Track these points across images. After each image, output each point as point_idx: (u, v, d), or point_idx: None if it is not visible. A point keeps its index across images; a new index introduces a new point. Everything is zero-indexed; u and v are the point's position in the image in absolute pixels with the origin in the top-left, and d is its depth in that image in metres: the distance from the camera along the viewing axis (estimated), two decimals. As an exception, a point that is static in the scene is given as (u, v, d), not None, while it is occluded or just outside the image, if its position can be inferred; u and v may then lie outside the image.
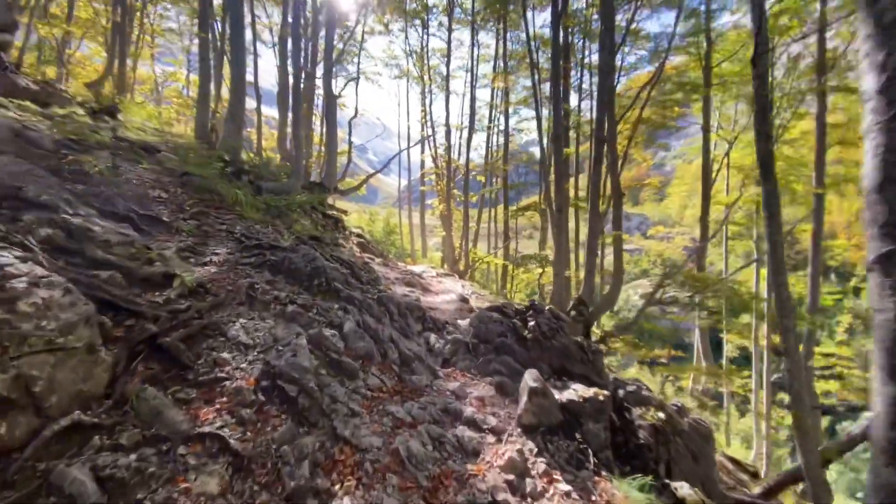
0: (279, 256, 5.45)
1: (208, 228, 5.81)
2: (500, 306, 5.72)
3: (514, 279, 16.79)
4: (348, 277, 6.34)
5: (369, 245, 13.47)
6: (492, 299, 11.40)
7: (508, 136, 18.19)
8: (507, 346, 4.81)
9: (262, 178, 10.30)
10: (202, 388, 3.24)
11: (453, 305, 9.26)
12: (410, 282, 11.27)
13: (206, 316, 3.86)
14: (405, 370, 4.31)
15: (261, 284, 4.79)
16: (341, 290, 5.33)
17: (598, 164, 10.48)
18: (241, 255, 5.35)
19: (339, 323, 4.71)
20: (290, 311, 4.57)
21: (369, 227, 27.24)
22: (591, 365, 4.98)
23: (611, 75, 10.91)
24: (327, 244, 8.46)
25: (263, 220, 6.93)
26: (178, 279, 3.90)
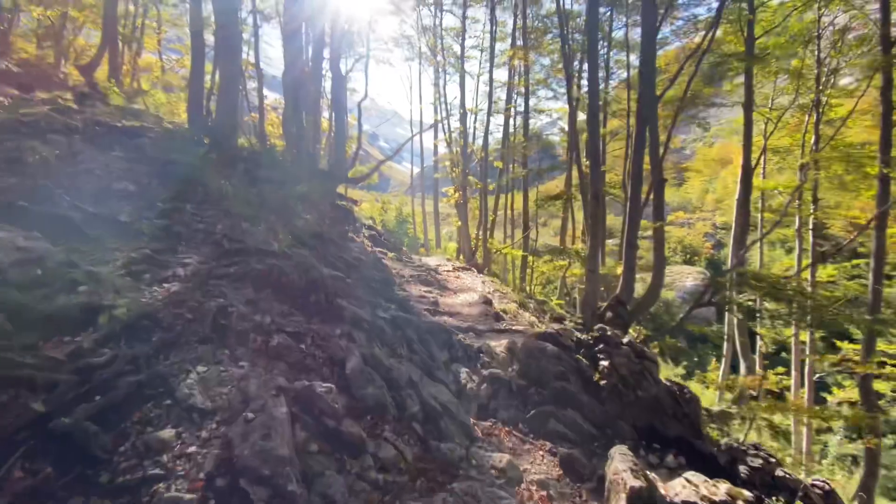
0: (267, 265, 4.19)
1: (181, 229, 4.56)
2: (554, 334, 4.38)
3: (534, 272, 15.44)
4: (355, 287, 5.07)
5: (381, 238, 12.21)
6: (515, 299, 10.09)
7: (529, 118, 16.64)
8: (571, 396, 3.51)
9: (262, 166, 9.03)
10: (120, 499, 2.00)
11: (476, 309, 7.98)
12: (427, 279, 10.01)
13: (145, 367, 2.62)
14: (430, 431, 3.06)
15: (237, 306, 3.54)
16: (345, 307, 4.06)
17: (641, 145, 8.99)
18: (217, 263, 4.10)
19: (342, 358, 3.45)
20: (274, 346, 3.32)
21: (381, 216, 25.98)
22: (688, 419, 3.66)
23: (653, 45, 9.34)
24: (333, 242, 7.20)
25: (255, 217, 5.67)
26: (106, 314, 2.65)
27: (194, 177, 5.86)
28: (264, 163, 9.22)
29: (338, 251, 6.76)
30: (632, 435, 3.41)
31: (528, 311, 9.62)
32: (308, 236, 6.25)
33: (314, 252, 5.62)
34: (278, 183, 8.20)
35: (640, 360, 3.96)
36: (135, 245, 3.86)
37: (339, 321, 3.93)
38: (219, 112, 7.81)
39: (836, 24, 15.97)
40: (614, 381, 3.66)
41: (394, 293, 7.29)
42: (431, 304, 7.93)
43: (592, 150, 9.18)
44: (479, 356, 3.94)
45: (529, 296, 11.83)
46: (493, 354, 4.02)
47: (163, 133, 7.98)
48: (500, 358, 4.04)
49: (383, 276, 8.41)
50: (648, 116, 9.15)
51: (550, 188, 37.25)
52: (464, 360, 3.94)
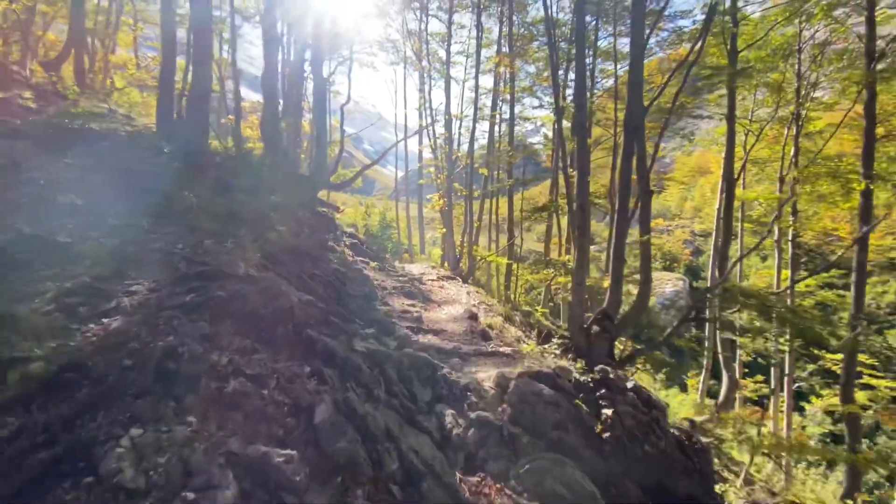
0: (229, 291, 3.70)
1: (133, 250, 4.03)
2: (550, 374, 3.96)
3: (519, 279, 15.13)
4: (330, 311, 4.61)
5: (364, 246, 11.72)
6: (501, 311, 9.73)
7: (514, 125, 16.34)
8: (570, 448, 3.13)
9: (236, 172, 8.47)
10: None
11: (461, 325, 7.58)
12: (410, 291, 9.57)
13: (64, 436, 2.13)
14: (411, 495, 2.63)
15: (189, 345, 3.05)
16: (316, 340, 3.60)
17: (629, 155, 8.73)
18: (171, 291, 3.60)
19: (309, 405, 2.99)
20: (230, 393, 2.85)
21: (365, 221, 25.39)
22: (698, 474, 3.33)
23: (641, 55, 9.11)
24: (309, 256, 6.71)
25: (223, 232, 5.15)
26: (17, 370, 2.16)
27: (155, 187, 5.32)
28: (239, 169, 8.66)
29: (313, 266, 6.28)
30: (638, 496, 3.05)
31: (514, 325, 9.27)
32: (282, 251, 5.76)
33: (287, 270, 5.14)
34: (253, 191, 7.66)
35: (647, 409, 3.61)
36: (73, 272, 3.34)
37: (309, 357, 3.47)
38: (189, 114, 7.25)
39: (816, 38, 16.14)
40: (619, 433, 3.30)
41: (374, 311, 6.84)
42: (415, 319, 7.50)
43: (580, 160, 8.88)
44: (467, 395, 3.53)
45: (515, 307, 11.48)
46: (482, 392, 3.61)
47: (127, 137, 7.37)
48: (490, 396, 3.64)
49: (364, 290, 7.94)
50: (636, 127, 8.91)
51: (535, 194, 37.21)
52: (449, 399, 3.52)
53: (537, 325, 10.14)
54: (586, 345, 9.32)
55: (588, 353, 9.34)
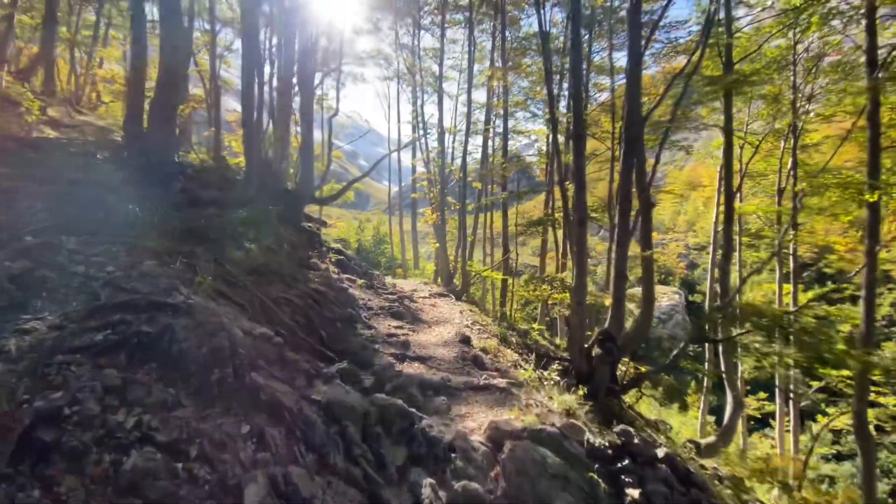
0: (158, 326, 2.95)
1: (49, 274, 3.27)
2: (557, 434, 3.13)
3: (514, 294, 14.39)
4: (293, 346, 3.85)
5: (352, 263, 10.96)
6: (496, 332, 8.96)
7: (508, 139, 15.79)
8: (584, 548, 2.40)
9: (210, 185, 7.75)
10: None
11: (452, 351, 6.79)
12: (398, 311, 8.79)
13: None
14: None
15: (84, 402, 2.28)
16: (262, 387, 2.83)
17: (628, 166, 8.11)
18: (80, 326, 2.83)
19: (237, 483, 2.22)
20: (128, 472, 2.07)
21: (358, 235, 24.71)
22: None
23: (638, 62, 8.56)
24: (282, 276, 5.94)
25: (173, 251, 4.40)
26: None
27: (99, 200, 4.58)
28: (214, 182, 7.94)
29: (286, 288, 5.52)
30: None
31: (510, 347, 8.49)
32: (246, 273, 5.00)
33: (248, 295, 4.38)
34: (226, 205, 6.93)
35: (685, 488, 2.83)
36: (-53, 304, 2.57)
37: (250, 411, 2.70)
38: (153, 123, 6.55)
39: (810, 50, 15.83)
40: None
41: (354, 338, 6.06)
42: (401, 345, 6.71)
43: (577, 172, 8.24)
44: (450, 456, 2.76)
45: (511, 326, 10.71)
46: (469, 452, 2.84)
47: (86, 147, 6.65)
48: (480, 456, 2.87)
49: (346, 312, 7.17)
50: (635, 137, 8.31)
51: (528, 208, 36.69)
52: (428, 461, 2.74)
53: (534, 347, 9.38)
54: (587, 369, 8.54)
55: (589, 378, 8.56)
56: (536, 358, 8.68)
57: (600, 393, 8.17)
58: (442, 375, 5.31)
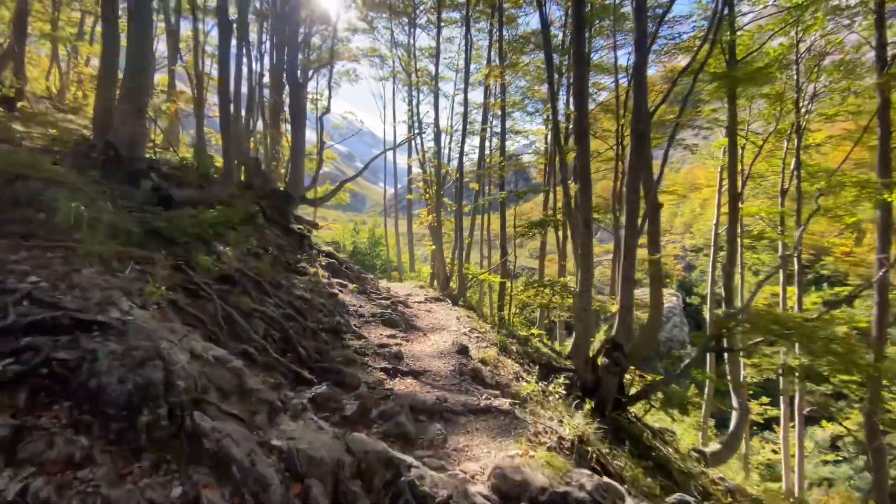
0: (77, 353, 2.29)
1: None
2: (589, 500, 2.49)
3: (513, 299, 13.75)
4: (260, 366, 3.20)
5: (343, 266, 10.30)
6: (495, 340, 8.32)
7: (505, 139, 15.20)
8: None
9: (188, 183, 7.09)
10: None
11: (449, 363, 6.15)
12: (392, 318, 8.13)
13: None
14: None
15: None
16: (205, 432, 2.18)
17: (637, 164, 7.51)
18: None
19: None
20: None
21: (353, 238, 24.03)
22: None
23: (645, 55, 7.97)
24: (259, 283, 5.28)
25: (125, 256, 3.73)
26: None
27: (39, 199, 3.91)
28: (193, 180, 7.27)
29: (263, 297, 4.86)
30: None
31: (510, 358, 7.85)
32: (215, 281, 4.34)
33: (210, 308, 3.72)
34: (204, 205, 6.27)
35: None
36: None
37: (186, 466, 2.05)
38: (120, 116, 5.88)
39: (812, 50, 15.35)
40: None
41: (340, 351, 5.41)
42: (393, 356, 6.07)
43: (582, 170, 7.63)
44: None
45: (510, 332, 10.07)
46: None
47: (46, 143, 5.98)
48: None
49: (333, 321, 6.51)
50: (643, 132, 7.71)
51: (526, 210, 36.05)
52: (417, 527, 2.14)
53: (535, 356, 8.75)
54: (593, 380, 7.92)
55: (595, 389, 7.93)
56: (539, 368, 8.04)
57: (608, 406, 7.55)
58: (437, 394, 4.66)
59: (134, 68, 5.94)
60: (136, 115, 5.91)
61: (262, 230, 8.70)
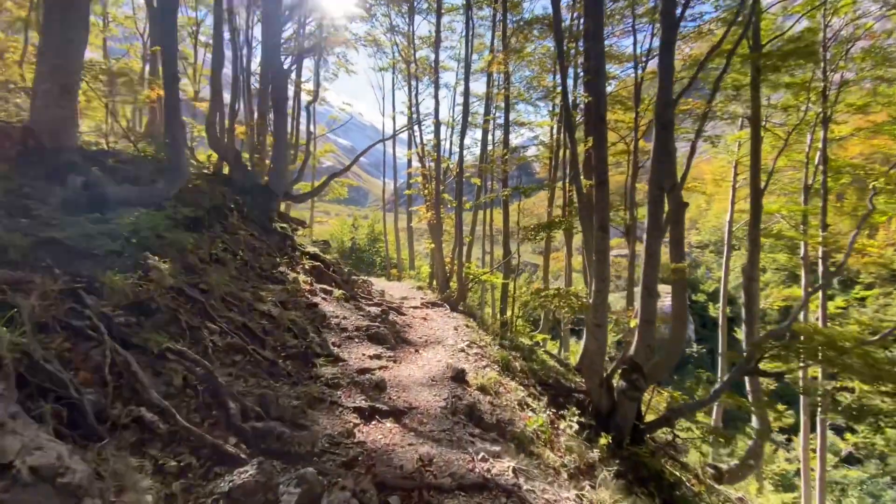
0: None
1: None
2: None
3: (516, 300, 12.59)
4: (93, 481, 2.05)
5: (330, 270, 9.15)
6: (497, 357, 7.16)
7: (509, 131, 13.91)
8: None
9: (134, 179, 5.94)
10: None
11: (440, 395, 5.00)
12: (380, 332, 6.98)
13: None
14: None
15: None
16: None
17: (661, 156, 6.29)
18: None
19: None
20: None
21: (352, 234, 22.88)
22: None
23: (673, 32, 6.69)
24: (204, 304, 4.13)
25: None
26: None
27: None
28: (142, 175, 6.11)
29: (196, 325, 3.73)
30: None
31: (514, 378, 6.71)
32: (124, 310, 3.20)
33: (94, 358, 2.58)
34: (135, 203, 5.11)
35: None
36: None
37: None
38: (40, 97, 4.72)
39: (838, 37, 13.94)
40: None
41: (303, 385, 4.27)
42: (374, 386, 4.94)
43: (598, 164, 6.41)
44: None
45: (513, 343, 8.93)
46: None
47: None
48: None
49: (304, 343, 5.37)
50: (669, 120, 6.48)
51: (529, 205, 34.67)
52: None
53: (542, 372, 7.61)
54: (608, 405, 6.76)
55: (611, 416, 6.78)
56: (546, 390, 6.90)
57: (625, 436, 6.41)
58: (421, 452, 3.53)
59: (57, 39, 4.77)
60: (61, 97, 4.75)
61: (234, 231, 7.56)
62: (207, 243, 6.23)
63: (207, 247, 6.12)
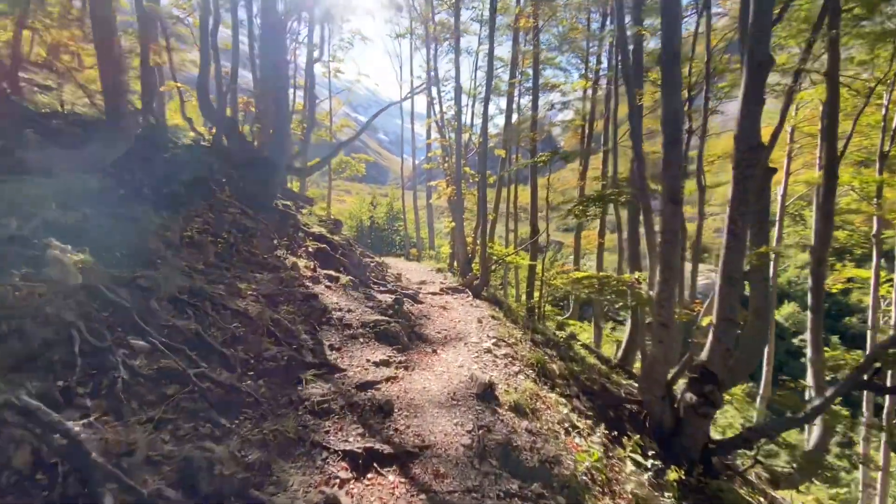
0: None
1: None
2: None
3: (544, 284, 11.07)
4: None
5: (337, 253, 7.84)
6: (531, 359, 5.74)
7: (538, 94, 12.03)
8: None
9: (81, 143, 4.66)
10: None
11: (462, 426, 3.66)
12: (390, 328, 5.64)
13: None
14: None
15: None
16: None
17: (758, 102, 4.58)
18: None
19: None
20: None
21: (370, 212, 21.56)
22: None
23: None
24: (141, 312, 2.86)
25: None
26: None
27: None
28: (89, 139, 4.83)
29: (117, 335, 2.43)
30: None
31: (553, 388, 5.30)
32: None
33: None
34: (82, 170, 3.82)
35: None
36: None
37: None
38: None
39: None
40: None
41: (277, 418, 2.98)
42: (377, 412, 3.64)
43: (670, 118, 4.74)
44: None
45: (546, 336, 7.50)
46: None
47: None
48: None
49: (286, 352, 4.09)
50: (764, 60, 4.69)
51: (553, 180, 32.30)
52: None
53: (585, 375, 6.18)
54: (671, 423, 5.31)
55: (674, 434, 5.36)
56: (590, 400, 5.48)
57: (694, 463, 4.97)
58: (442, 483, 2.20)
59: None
60: None
61: (222, 209, 6.29)
62: (181, 224, 4.95)
63: (179, 228, 4.83)
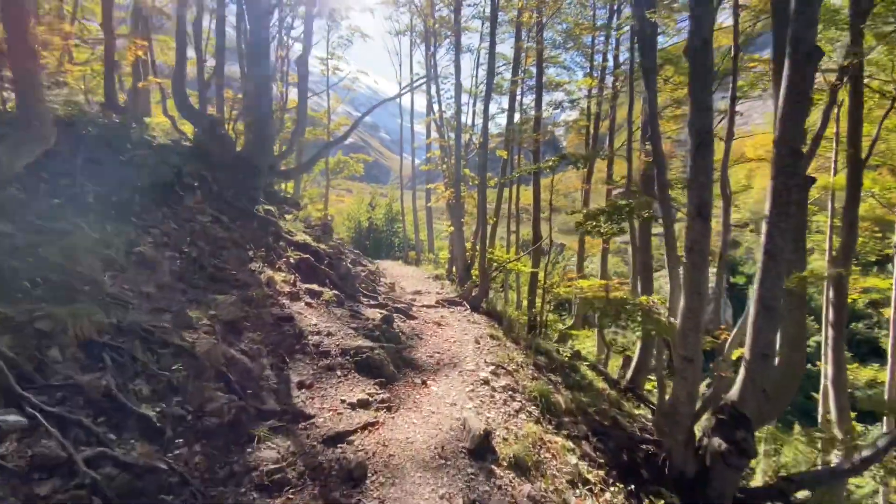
0: None
1: None
2: None
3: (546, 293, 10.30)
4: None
5: (322, 264, 7.09)
6: (534, 390, 4.99)
7: (542, 92, 11.22)
8: None
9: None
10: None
11: (450, 498, 2.93)
12: (374, 356, 4.89)
13: None
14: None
15: None
16: None
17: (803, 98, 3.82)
18: None
19: None
20: None
21: (369, 213, 20.80)
22: None
23: None
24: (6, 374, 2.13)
25: None
26: None
27: None
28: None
29: None
30: None
31: (559, 428, 4.54)
32: None
33: None
34: None
35: None
36: None
37: None
38: None
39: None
40: None
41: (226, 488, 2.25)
42: (343, 480, 2.90)
43: (699, 114, 3.98)
44: None
45: (551, 360, 6.74)
46: None
47: None
48: None
49: (245, 395, 3.35)
50: (811, 48, 3.92)
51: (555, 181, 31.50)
52: None
53: (594, 410, 5.42)
54: (695, 470, 4.56)
55: (699, 484, 4.60)
56: (601, 441, 4.72)
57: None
58: None
59: None
60: None
61: (189, 218, 5.54)
62: (129, 238, 4.22)
63: (125, 244, 4.10)
